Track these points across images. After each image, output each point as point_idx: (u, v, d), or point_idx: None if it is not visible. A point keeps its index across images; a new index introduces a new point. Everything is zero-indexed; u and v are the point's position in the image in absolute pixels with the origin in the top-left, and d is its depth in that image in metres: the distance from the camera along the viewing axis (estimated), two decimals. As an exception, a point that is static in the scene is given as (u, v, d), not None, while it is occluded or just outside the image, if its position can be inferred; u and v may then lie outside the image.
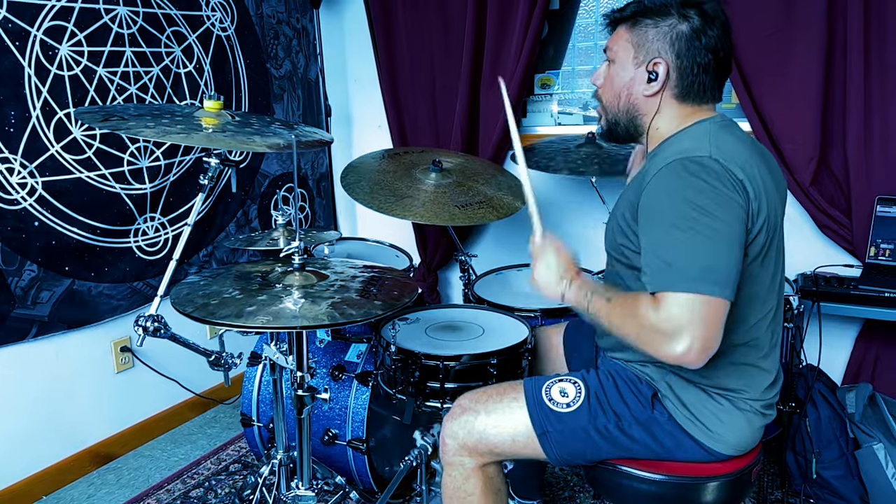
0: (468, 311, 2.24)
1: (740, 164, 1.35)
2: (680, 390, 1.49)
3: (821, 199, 2.63)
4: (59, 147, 2.40)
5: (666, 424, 1.49)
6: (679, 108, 1.49)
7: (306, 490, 1.78)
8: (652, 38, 1.44)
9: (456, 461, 1.63)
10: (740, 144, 1.42)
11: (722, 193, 1.29)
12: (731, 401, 1.47)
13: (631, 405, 1.52)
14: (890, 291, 2.30)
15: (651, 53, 1.45)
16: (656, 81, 1.45)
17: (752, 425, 1.49)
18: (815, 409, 2.36)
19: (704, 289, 1.23)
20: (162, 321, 1.76)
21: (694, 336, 1.22)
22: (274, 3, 3.25)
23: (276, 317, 1.38)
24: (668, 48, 1.43)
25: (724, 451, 1.48)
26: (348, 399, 2.26)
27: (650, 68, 1.45)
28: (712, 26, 1.41)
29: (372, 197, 2.36)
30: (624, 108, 1.53)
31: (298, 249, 1.58)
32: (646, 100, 1.49)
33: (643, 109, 1.51)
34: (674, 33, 1.42)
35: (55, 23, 2.34)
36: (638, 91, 1.49)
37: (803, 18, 2.53)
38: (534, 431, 1.54)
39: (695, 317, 1.23)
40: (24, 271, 2.36)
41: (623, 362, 1.59)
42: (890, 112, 2.48)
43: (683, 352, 1.22)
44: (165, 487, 2.59)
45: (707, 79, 1.45)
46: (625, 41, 1.48)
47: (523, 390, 1.59)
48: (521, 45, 3.02)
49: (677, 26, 1.42)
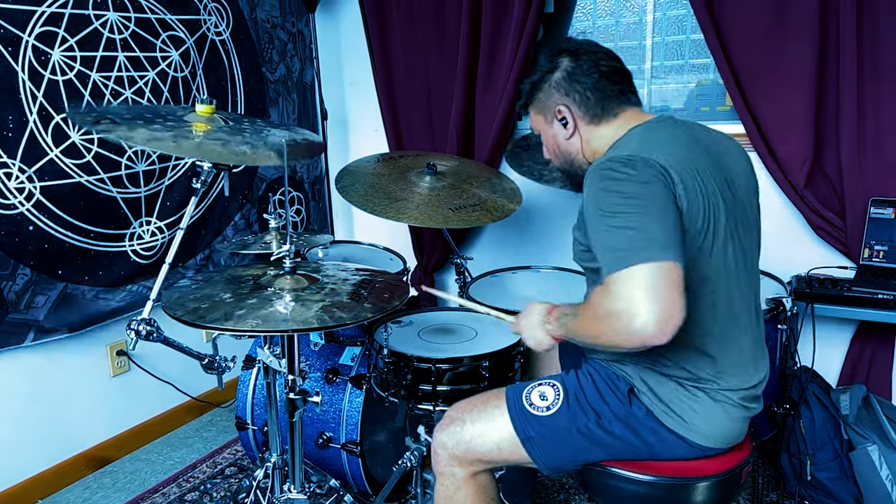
0: (461, 313, 2.25)
1: (663, 156, 1.38)
2: (654, 384, 1.50)
3: (815, 201, 2.63)
4: (59, 151, 2.41)
5: (644, 419, 1.50)
6: (602, 128, 1.59)
7: (298, 493, 1.78)
8: (544, 100, 1.62)
9: (447, 471, 1.65)
10: (667, 140, 1.46)
11: (639, 176, 1.34)
12: (706, 392, 1.47)
13: (610, 402, 1.54)
14: (883, 293, 2.31)
15: (551, 108, 1.62)
16: (569, 123, 1.60)
17: (732, 417, 1.49)
18: (810, 411, 2.36)
19: (644, 257, 1.21)
20: (154, 325, 1.76)
21: (648, 306, 1.18)
22: (268, 7, 3.26)
23: (266, 320, 1.38)
24: (558, 96, 1.60)
25: (704, 442, 1.49)
26: (342, 402, 2.26)
27: (559, 118, 1.61)
28: (579, 56, 1.58)
29: (366, 200, 2.37)
30: (563, 159, 1.68)
31: (289, 253, 1.59)
32: (569, 142, 1.63)
33: (572, 150, 1.64)
34: (554, 83, 1.59)
35: (46, 28, 2.35)
36: (562, 139, 1.64)
37: (796, 19, 2.53)
38: (517, 438, 1.56)
39: (643, 286, 1.20)
40: (17, 275, 2.36)
41: (603, 362, 1.61)
42: (884, 113, 2.49)
43: (642, 325, 1.18)
44: (161, 491, 2.59)
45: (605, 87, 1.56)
46: (534, 116, 1.69)
47: (505, 397, 1.61)
48: (516, 48, 3.02)
49: (552, 77, 1.59)
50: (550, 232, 3.32)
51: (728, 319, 1.48)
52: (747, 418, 1.55)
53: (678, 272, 1.22)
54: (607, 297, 1.24)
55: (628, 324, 1.19)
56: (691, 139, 1.50)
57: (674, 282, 1.21)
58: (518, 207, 2.53)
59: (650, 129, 1.51)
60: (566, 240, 1.67)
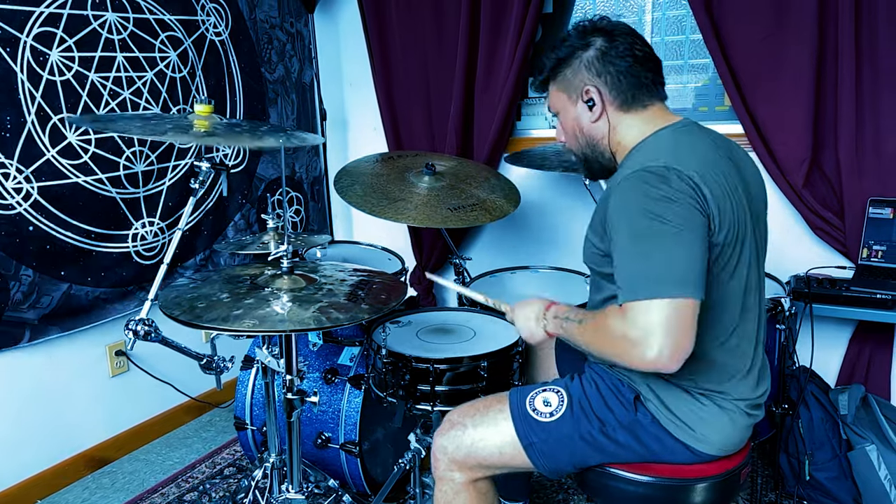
0: (461, 313, 2.25)
1: (696, 169, 1.36)
2: (661, 392, 1.49)
3: (813, 201, 2.63)
4: (55, 152, 2.41)
5: (650, 427, 1.49)
6: (631, 117, 1.54)
7: (296, 493, 1.79)
8: (571, 77, 1.55)
9: (447, 476, 1.64)
10: (699, 148, 1.45)
11: (676, 199, 1.31)
12: (714, 401, 1.47)
13: (615, 409, 1.52)
14: (882, 293, 2.30)
15: (578, 87, 1.54)
16: (596, 105, 1.53)
17: (737, 425, 1.49)
18: (808, 411, 2.36)
19: (666, 292, 1.25)
20: (152, 325, 1.77)
21: (663, 340, 1.23)
22: (267, 7, 3.26)
23: (263, 320, 1.39)
24: (588, 75, 1.53)
25: (708, 451, 1.48)
26: (341, 402, 2.26)
27: (585, 99, 1.54)
28: (615, 37, 1.51)
29: (365, 200, 2.37)
30: (584, 143, 1.61)
31: (287, 253, 1.59)
32: (594, 126, 1.57)
33: (597, 135, 1.58)
34: (587, 61, 1.52)
35: (44, 29, 2.35)
36: (586, 122, 1.57)
37: (795, 22, 2.54)
38: (520, 443, 1.55)
39: (661, 321, 1.24)
40: (21, 276, 2.37)
41: (608, 368, 1.60)
42: (882, 114, 2.49)
43: (655, 357, 1.23)
44: (160, 491, 2.59)
45: (639, 73, 1.51)
46: (555, 93, 1.60)
47: (508, 402, 1.60)
48: (515, 48, 3.02)
49: (584, 55, 1.52)
50: (549, 232, 3.31)
51: (743, 330, 1.48)
52: (751, 426, 1.55)
53: (695, 309, 1.26)
54: (624, 322, 1.28)
55: (641, 353, 1.24)
56: (720, 150, 1.48)
57: (689, 318, 1.25)
58: (516, 208, 2.53)
59: (680, 133, 1.49)
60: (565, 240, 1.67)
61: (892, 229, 2.48)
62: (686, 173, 1.34)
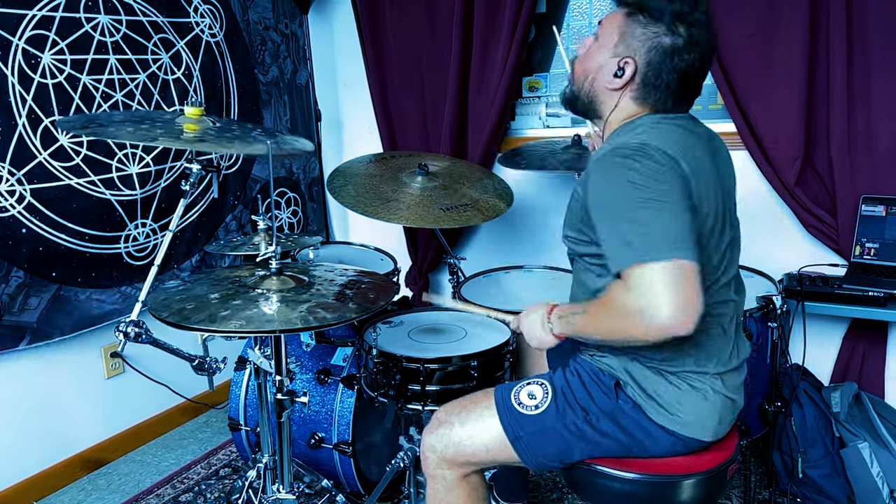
0: (452, 313, 2.25)
1: (673, 147, 1.37)
2: (639, 376, 1.50)
3: (806, 199, 2.63)
4: (47, 154, 2.42)
5: (631, 412, 1.51)
6: (633, 109, 1.52)
7: (287, 493, 1.79)
8: (637, 36, 1.44)
9: (438, 474, 1.65)
10: (679, 133, 1.45)
11: (657, 168, 1.32)
12: (683, 378, 1.48)
13: (596, 398, 1.54)
14: (874, 290, 2.31)
15: (628, 51, 1.45)
16: (620, 79, 1.47)
17: (714, 406, 1.50)
18: (801, 409, 2.36)
19: (665, 254, 1.24)
20: (143, 327, 1.78)
21: (672, 300, 1.21)
22: (261, 9, 3.26)
23: (250, 321, 1.39)
24: (644, 53, 1.44)
25: (689, 433, 1.49)
26: (334, 403, 2.27)
27: (620, 64, 1.46)
28: (691, 50, 1.42)
29: (357, 201, 2.37)
30: (587, 89, 1.55)
31: (275, 254, 1.59)
32: (606, 91, 1.51)
33: (602, 98, 1.53)
34: (656, 42, 1.43)
35: (36, 32, 2.35)
36: (602, 79, 1.50)
37: (786, 18, 2.54)
38: (507, 438, 1.56)
39: (666, 280, 1.22)
40: (10, 278, 2.37)
41: (588, 357, 1.61)
42: (874, 111, 2.49)
43: (668, 319, 1.21)
44: (155, 492, 2.60)
45: (667, 96, 1.47)
46: (615, 26, 1.48)
47: (494, 398, 1.61)
48: (509, 48, 3.02)
49: (663, 37, 1.42)
50: (543, 232, 3.32)
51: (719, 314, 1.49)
52: (732, 409, 1.55)
53: (696, 270, 1.25)
54: (627, 291, 1.26)
55: (651, 318, 1.22)
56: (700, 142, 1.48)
57: (693, 278, 1.24)
58: (509, 207, 2.54)
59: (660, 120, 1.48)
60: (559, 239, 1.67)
61: (885, 227, 2.48)
62: (663, 149, 1.35)
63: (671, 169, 1.33)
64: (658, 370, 1.49)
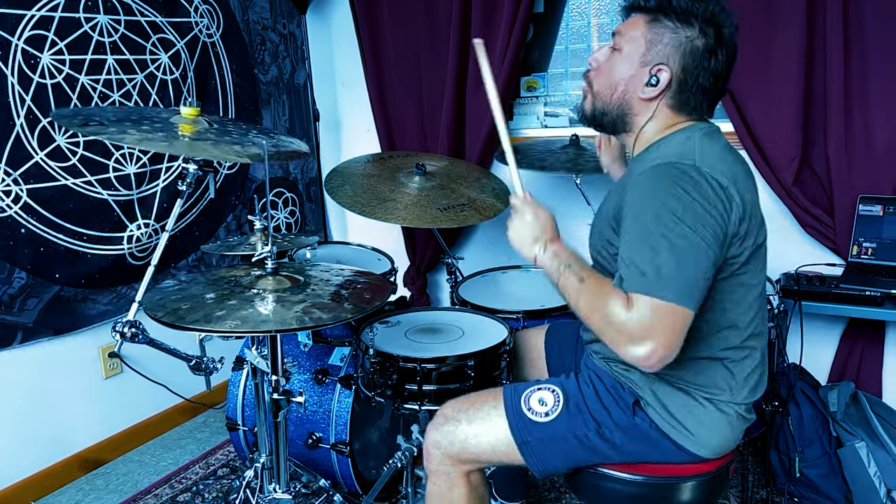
0: (450, 313, 2.25)
1: (725, 173, 1.34)
2: (665, 397, 1.47)
3: (803, 199, 2.63)
4: (44, 154, 2.42)
5: (648, 431, 1.49)
6: (670, 118, 1.48)
7: (283, 493, 1.79)
8: (667, 41, 1.40)
9: (441, 470, 1.63)
10: (725, 153, 1.43)
11: (701, 204, 1.29)
12: (715, 404, 1.46)
13: (612, 411, 1.51)
14: (871, 290, 2.30)
15: (660, 57, 1.41)
16: (655, 87, 1.43)
17: (734, 428, 1.49)
18: (798, 408, 2.36)
19: (676, 298, 1.25)
20: (140, 327, 1.77)
21: (658, 342, 1.23)
22: (259, 9, 3.26)
23: (245, 321, 1.39)
24: (678, 58, 1.40)
25: (704, 454, 1.48)
26: (332, 402, 2.27)
27: (654, 72, 1.42)
28: (723, 51, 1.40)
29: (355, 201, 2.37)
30: (617, 103, 1.49)
31: (271, 254, 1.59)
32: (641, 102, 1.46)
33: (636, 110, 1.48)
34: (689, 45, 1.39)
35: (36, 32, 2.36)
36: (635, 90, 1.45)
37: (784, 18, 2.53)
38: (514, 441, 1.54)
39: (664, 323, 1.24)
40: (13, 279, 2.38)
41: (605, 363, 1.58)
42: (871, 111, 2.49)
43: (645, 356, 1.24)
44: (153, 492, 2.60)
45: (703, 99, 1.45)
46: (639, 34, 1.43)
47: (503, 398, 1.59)
48: (506, 48, 3.02)
49: (695, 40, 1.39)
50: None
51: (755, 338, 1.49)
52: (744, 429, 1.54)
53: (689, 321, 1.26)
54: (626, 313, 1.26)
55: (633, 347, 1.25)
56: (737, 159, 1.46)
57: (684, 328, 1.26)
58: (507, 206, 2.54)
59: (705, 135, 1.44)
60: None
61: (882, 226, 2.48)
62: (714, 175, 1.31)
63: (718, 202, 1.30)
64: (687, 391, 1.47)
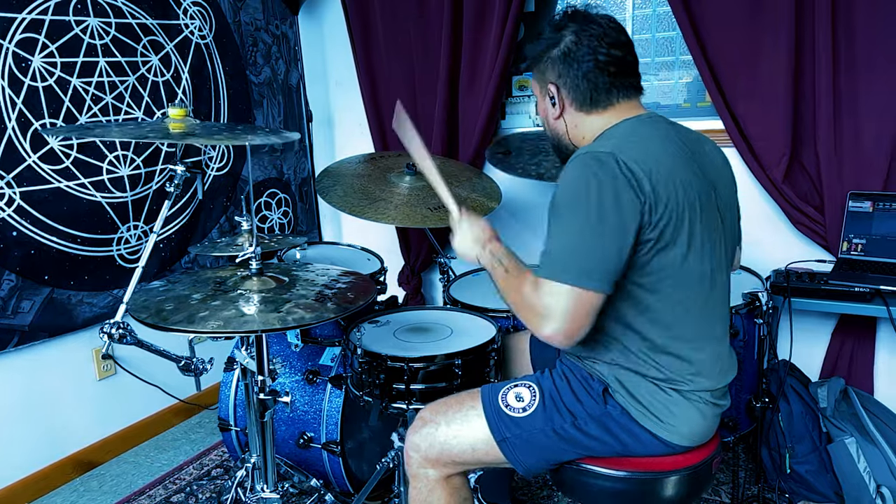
0: (439, 312, 2.26)
1: (641, 159, 1.38)
2: (629, 384, 1.50)
3: (793, 195, 2.64)
4: (36, 157, 2.43)
5: (620, 418, 1.51)
6: (592, 117, 1.55)
7: (271, 493, 1.80)
8: (543, 71, 1.58)
9: (420, 473, 1.64)
10: (655, 140, 1.46)
11: (610, 189, 1.35)
12: (680, 392, 1.48)
13: (584, 402, 1.54)
14: (860, 286, 2.30)
15: (545, 83, 1.59)
16: (558, 105, 1.58)
17: (705, 415, 1.51)
18: (788, 405, 2.36)
19: (573, 280, 1.34)
20: (128, 328, 1.78)
21: (559, 324, 1.35)
22: (252, 10, 3.27)
23: (228, 322, 1.40)
24: (553, 74, 1.56)
25: (679, 441, 1.50)
26: (322, 402, 2.28)
27: (550, 95, 1.58)
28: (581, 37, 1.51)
29: (345, 201, 2.38)
30: (551, 135, 1.67)
31: (255, 255, 1.60)
32: (556, 122, 1.61)
33: (559, 130, 1.62)
34: (552, 59, 1.55)
35: (26, 35, 2.37)
36: (550, 117, 1.62)
37: (771, 15, 2.54)
38: (493, 439, 1.56)
39: (563, 307, 1.34)
40: (2, 280, 2.39)
41: (575, 358, 1.61)
42: (860, 107, 2.49)
43: (550, 335, 1.37)
44: (147, 493, 2.61)
45: (600, 79, 1.52)
46: (534, 82, 1.65)
47: (480, 398, 1.61)
48: (498, 47, 3.03)
49: (552, 52, 1.54)
50: (533, 232, 3.32)
51: (703, 324, 1.50)
52: (718, 415, 1.56)
53: (597, 301, 1.36)
54: (534, 294, 1.39)
55: (539, 326, 1.38)
56: (679, 143, 1.49)
57: (587, 308, 1.36)
58: (498, 205, 2.54)
59: (641, 124, 1.51)
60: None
61: (872, 223, 2.49)
62: (627, 163, 1.37)
63: (628, 190, 1.35)
64: (650, 379, 1.49)
